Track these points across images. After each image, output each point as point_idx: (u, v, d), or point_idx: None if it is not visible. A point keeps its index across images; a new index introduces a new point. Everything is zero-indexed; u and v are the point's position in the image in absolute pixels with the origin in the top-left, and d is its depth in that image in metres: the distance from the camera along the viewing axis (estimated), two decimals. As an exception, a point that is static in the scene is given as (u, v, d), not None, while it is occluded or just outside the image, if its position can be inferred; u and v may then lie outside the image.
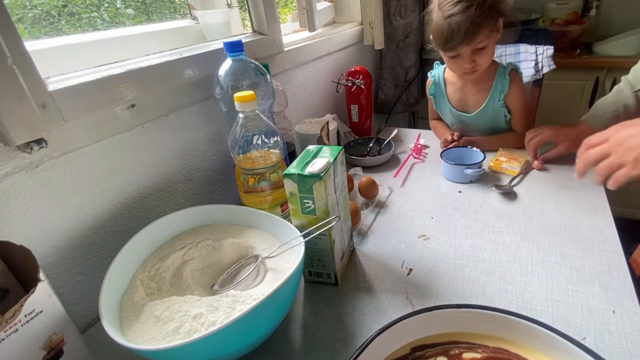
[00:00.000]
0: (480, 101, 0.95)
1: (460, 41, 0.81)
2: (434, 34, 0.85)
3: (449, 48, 0.83)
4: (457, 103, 0.99)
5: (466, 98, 0.98)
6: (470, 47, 0.82)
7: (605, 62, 1.47)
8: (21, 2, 0.68)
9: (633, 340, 0.45)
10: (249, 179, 0.60)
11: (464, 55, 0.84)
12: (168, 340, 0.40)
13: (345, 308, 0.54)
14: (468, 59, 0.84)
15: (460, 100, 0.99)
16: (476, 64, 0.85)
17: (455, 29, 0.79)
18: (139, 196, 0.65)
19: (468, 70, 0.87)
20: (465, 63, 0.85)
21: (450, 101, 1.00)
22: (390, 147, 0.97)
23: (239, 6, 0.99)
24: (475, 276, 0.57)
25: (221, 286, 0.50)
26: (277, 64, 0.92)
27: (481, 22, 0.79)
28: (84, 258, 0.57)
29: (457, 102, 0.99)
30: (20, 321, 0.36)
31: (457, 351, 0.38)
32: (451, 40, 0.81)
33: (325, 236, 0.54)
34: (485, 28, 0.80)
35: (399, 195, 0.81)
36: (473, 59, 0.84)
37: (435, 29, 0.84)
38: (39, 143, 0.49)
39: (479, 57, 0.85)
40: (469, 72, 0.87)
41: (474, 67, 0.86)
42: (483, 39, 0.81)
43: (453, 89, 0.99)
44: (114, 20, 0.82)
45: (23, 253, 0.41)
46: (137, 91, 0.61)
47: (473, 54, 0.84)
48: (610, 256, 0.58)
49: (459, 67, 0.88)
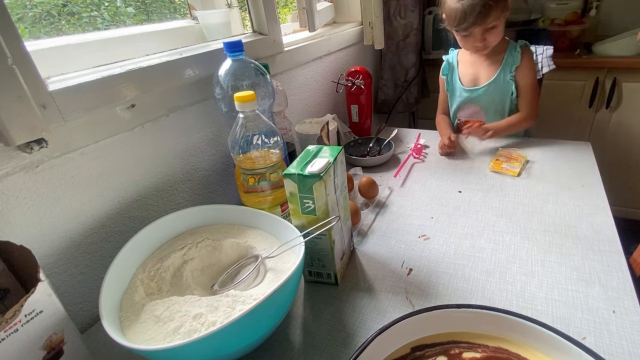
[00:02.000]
0: (491, 74, 1.00)
1: (472, 22, 0.87)
2: (448, 15, 0.91)
3: (461, 29, 0.90)
4: (468, 79, 1.04)
5: (478, 72, 1.02)
6: (482, 28, 0.88)
7: (605, 62, 1.47)
8: (21, 2, 0.68)
9: (633, 340, 0.45)
10: (249, 179, 0.60)
11: (476, 35, 0.90)
12: (168, 340, 0.40)
13: (345, 308, 0.54)
14: (480, 37, 0.91)
15: (472, 75, 1.03)
16: (487, 41, 0.92)
17: (469, 11, 0.85)
18: (139, 196, 0.65)
19: (479, 48, 0.94)
20: (476, 42, 0.92)
21: (460, 78, 1.05)
22: (390, 147, 0.97)
23: (239, 6, 0.99)
24: (475, 276, 0.57)
25: (221, 286, 0.50)
26: (277, 64, 0.92)
27: (492, 5, 0.85)
28: (84, 258, 0.57)
29: (469, 78, 1.04)
30: (20, 321, 0.36)
31: (457, 351, 0.38)
32: (464, 22, 0.87)
33: (325, 236, 0.54)
34: (496, 9, 0.86)
35: (399, 195, 0.81)
36: (484, 37, 0.91)
37: (449, 10, 0.90)
38: (39, 143, 0.48)
39: (489, 36, 0.91)
40: (480, 49, 0.94)
41: (485, 45, 0.92)
42: (494, 19, 0.87)
43: (465, 65, 1.05)
44: (114, 19, 0.82)
45: (23, 253, 0.41)
46: (137, 91, 0.61)
47: (484, 33, 0.90)
48: (610, 256, 0.58)
49: (471, 45, 0.94)
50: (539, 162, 0.88)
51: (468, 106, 1.05)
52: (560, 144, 0.96)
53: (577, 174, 0.81)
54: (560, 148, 0.93)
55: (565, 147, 0.94)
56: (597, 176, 0.80)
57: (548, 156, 0.91)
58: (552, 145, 0.96)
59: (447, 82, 1.08)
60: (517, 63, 0.96)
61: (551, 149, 0.94)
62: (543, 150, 0.94)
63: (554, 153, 0.92)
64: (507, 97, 1.00)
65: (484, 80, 1.01)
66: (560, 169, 0.84)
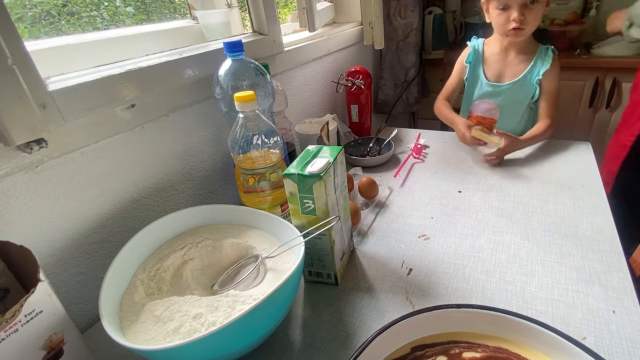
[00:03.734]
0: (518, 73, 0.98)
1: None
2: None
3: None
4: (492, 73, 1.02)
5: (504, 69, 1.00)
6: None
7: (605, 62, 1.47)
8: (21, 2, 0.68)
9: (633, 340, 0.45)
10: (249, 179, 0.60)
11: (514, 7, 0.87)
12: (168, 340, 0.40)
13: (345, 308, 0.54)
14: (518, 12, 0.87)
15: (497, 70, 1.01)
16: (525, 20, 0.88)
17: None
18: (139, 196, 0.65)
19: (515, 26, 0.88)
20: (514, 18, 0.87)
21: (485, 71, 1.02)
22: (390, 147, 0.97)
23: (239, 6, 0.99)
24: (475, 276, 0.57)
25: (221, 286, 0.50)
26: (277, 64, 0.92)
27: None
28: (84, 258, 0.57)
29: (493, 72, 1.01)
30: (20, 321, 0.36)
31: (457, 350, 0.38)
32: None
33: (325, 236, 0.54)
34: None
35: (399, 195, 0.81)
36: (522, 13, 0.87)
37: None
38: (39, 143, 0.48)
39: (528, 13, 0.87)
40: (515, 28, 0.89)
41: (521, 25, 0.88)
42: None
43: (493, 59, 1.01)
44: (113, 18, 0.82)
45: (23, 253, 0.41)
46: (137, 91, 0.61)
47: (524, 8, 0.87)
48: (610, 256, 0.58)
49: (506, 22, 0.90)
50: (539, 162, 0.88)
51: (484, 101, 1.02)
52: (560, 144, 0.96)
53: (577, 174, 0.82)
54: (560, 148, 0.93)
55: (565, 147, 0.94)
56: (597, 176, 0.80)
57: (548, 156, 0.91)
58: (552, 145, 0.96)
59: (470, 70, 1.04)
60: (547, 67, 0.94)
61: (551, 149, 0.94)
62: (543, 150, 0.94)
63: (554, 153, 0.92)
64: (528, 99, 0.98)
65: (509, 78, 0.99)
66: (560, 169, 0.84)
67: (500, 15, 0.91)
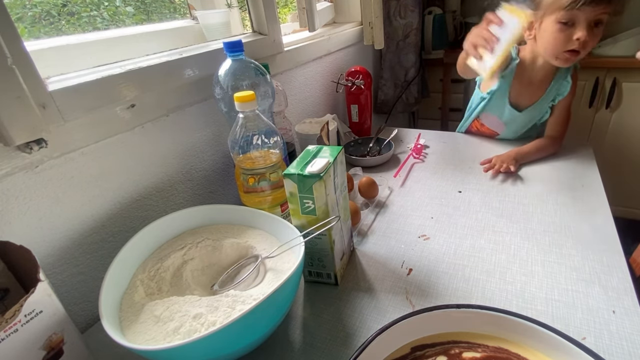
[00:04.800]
0: (533, 99, 0.91)
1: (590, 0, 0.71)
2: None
3: (572, 5, 0.72)
4: (513, 95, 0.92)
5: (524, 90, 0.90)
6: (595, 12, 0.72)
7: (605, 62, 1.47)
8: (21, 2, 0.68)
9: (633, 340, 0.45)
10: (249, 179, 0.60)
11: (581, 23, 0.74)
12: (168, 340, 0.40)
13: (345, 308, 0.54)
14: (584, 27, 0.73)
15: (518, 92, 0.91)
16: (587, 40, 0.74)
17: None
18: (139, 196, 0.65)
19: (576, 47, 0.76)
20: (578, 33, 0.74)
21: (510, 92, 0.91)
22: (390, 147, 0.97)
23: (239, 6, 0.99)
24: (475, 276, 0.57)
25: (221, 286, 0.50)
26: (277, 64, 0.92)
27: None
28: (84, 258, 0.57)
29: (514, 95, 0.92)
30: (20, 321, 0.36)
31: (457, 350, 0.38)
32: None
33: (325, 236, 0.54)
34: (615, 1, 0.73)
35: (399, 195, 0.81)
36: (587, 31, 0.74)
37: None
38: (38, 143, 0.48)
39: (590, 34, 0.74)
40: (573, 50, 0.76)
41: (583, 45, 0.75)
42: (607, 9, 0.73)
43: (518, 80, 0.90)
44: (113, 18, 0.82)
45: (23, 253, 0.41)
46: (137, 91, 0.61)
47: (589, 25, 0.74)
48: (610, 256, 0.58)
49: (566, 42, 0.76)
50: (539, 162, 0.88)
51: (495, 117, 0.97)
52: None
53: (577, 174, 0.82)
54: (561, 148, 0.93)
55: (565, 147, 0.94)
56: (597, 176, 0.80)
57: (548, 156, 0.91)
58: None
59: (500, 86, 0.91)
60: (563, 95, 0.86)
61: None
62: (543, 150, 0.93)
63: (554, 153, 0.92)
64: (536, 119, 0.94)
65: (526, 103, 0.91)
66: (560, 169, 0.84)
67: (561, 32, 0.76)
